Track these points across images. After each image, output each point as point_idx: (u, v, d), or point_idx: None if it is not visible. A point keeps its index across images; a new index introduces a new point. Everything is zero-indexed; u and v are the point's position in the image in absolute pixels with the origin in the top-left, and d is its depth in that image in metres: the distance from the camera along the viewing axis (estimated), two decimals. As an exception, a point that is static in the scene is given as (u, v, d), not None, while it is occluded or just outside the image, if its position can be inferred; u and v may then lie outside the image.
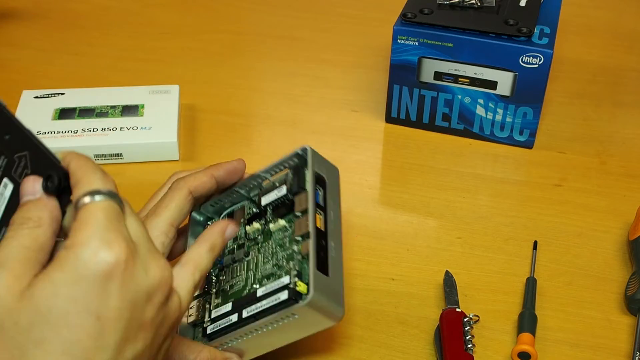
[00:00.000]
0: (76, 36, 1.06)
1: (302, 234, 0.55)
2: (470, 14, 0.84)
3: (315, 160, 0.59)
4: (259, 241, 0.59)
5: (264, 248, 0.58)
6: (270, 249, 0.58)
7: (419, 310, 0.67)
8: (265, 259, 0.57)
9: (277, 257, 0.56)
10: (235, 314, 0.55)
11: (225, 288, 0.59)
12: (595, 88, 0.97)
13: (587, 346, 0.64)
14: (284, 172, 0.61)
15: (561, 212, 0.78)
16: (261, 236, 0.59)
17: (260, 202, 0.61)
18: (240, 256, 0.59)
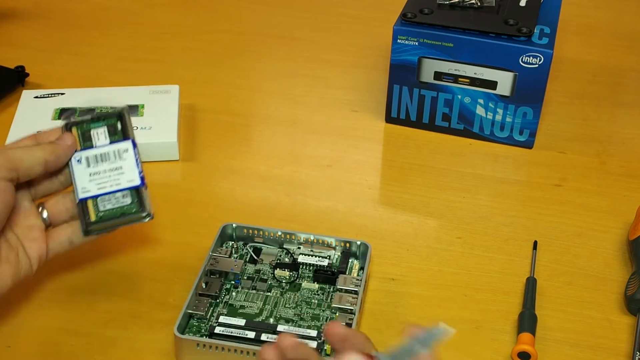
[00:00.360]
0: (76, 36, 1.06)
1: (341, 307, 0.64)
2: (470, 14, 0.84)
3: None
4: (284, 287, 0.66)
5: (288, 295, 0.66)
6: (295, 299, 0.65)
7: (419, 310, 0.67)
8: (287, 304, 0.65)
9: (301, 310, 0.64)
10: (252, 332, 0.61)
11: (234, 304, 0.64)
12: (595, 88, 0.97)
13: (587, 346, 0.64)
14: (330, 249, 0.70)
15: (561, 212, 0.78)
16: (288, 285, 0.67)
17: (295, 257, 0.69)
18: (263, 289, 0.66)
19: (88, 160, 0.61)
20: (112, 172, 0.61)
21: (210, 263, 0.67)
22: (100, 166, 0.61)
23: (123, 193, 0.60)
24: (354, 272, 0.68)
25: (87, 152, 0.61)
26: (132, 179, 0.61)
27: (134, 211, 0.60)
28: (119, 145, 0.62)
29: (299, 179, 0.82)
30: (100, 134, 0.62)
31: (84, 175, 0.60)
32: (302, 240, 0.69)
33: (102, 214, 0.60)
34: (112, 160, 0.61)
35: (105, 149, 0.61)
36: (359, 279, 0.66)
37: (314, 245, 0.69)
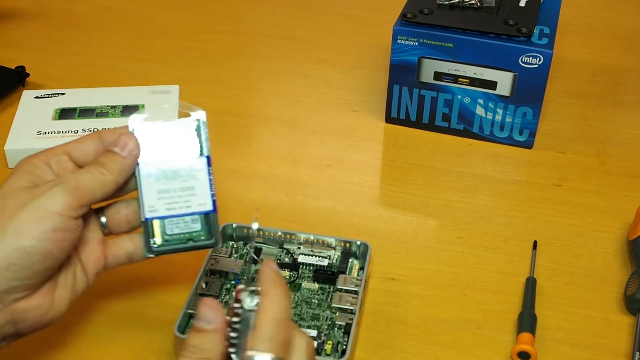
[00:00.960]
0: (76, 36, 1.06)
1: (341, 307, 0.64)
2: (470, 14, 0.84)
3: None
4: None
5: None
6: (295, 299, 0.65)
7: (419, 310, 0.67)
8: None
9: (301, 310, 0.64)
10: None
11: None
12: (595, 88, 0.97)
13: (587, 346, 0.64)
14: (330, 249, 0.69)
15: (561, 212, 0.78)
16: (288, 285, 0.65)
17: (295, 257, 0.69)
18: None
19: (158, 174, 0.55)
20: (183, 192, 0.55)
21: (210, 263, 0.67)
22: (171, 184, 0.55)
23: (193, 218, 0.55)
24: (354, 272, 0.68)
25: (156, 163, 0.55)
26: (204, 202, 0.55)
27: (202, 238, 0.55)
28: (193, 162, 0.56)
29: (299, 179, 0.82)
30: (173, 144, 0.56)
31: (152, 191, 0.55)
32: (302, 240, 0.69)
33: (169, 237, 0.55)
34: (184, 178, 0.56)
35: (179, 165, 0.55)
36: (359, 279, 0.66)
37: (314, 245, 0.69)
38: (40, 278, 0.50)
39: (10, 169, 0.81)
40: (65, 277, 0.53)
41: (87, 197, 0.51)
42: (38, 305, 0.51)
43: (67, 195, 0.50)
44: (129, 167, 0.54)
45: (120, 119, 0.84)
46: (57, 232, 0.49)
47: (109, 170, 0.53)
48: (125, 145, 0.54)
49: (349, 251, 0.69)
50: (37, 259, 0.49)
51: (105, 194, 0.52)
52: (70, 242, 0.50)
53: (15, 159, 0.80)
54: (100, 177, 0.52)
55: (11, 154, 0.80)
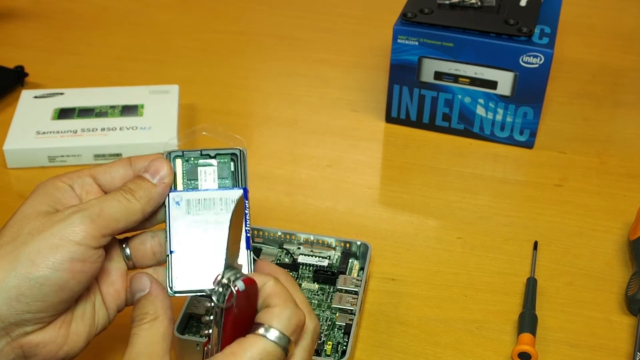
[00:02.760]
0: (76, 36, 1.06)
1: (341, 307, 0.63)
2: (470, 13, 0.83)
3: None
4: None
5: None
6: None
7: (419, 311, 0.67)
8: None
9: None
10: None
11: None
12: (596, 88, 0.97)
13: (588, 346, 0.64)
14: (330, 250, 0.69)
15: (561, 212, 0.78)
16: None
17: (295, 257, 0.68)
18: None
19: (189, 204, 0.51)
20: (215, 224, 0.51)
21: None
22: (203, 214, 0.51)
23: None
24: (354, 273, 0.68)
25: (190, 194, 0.51)
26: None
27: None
28: (228, 193, 0.51)
29: (299, 179, 0.82)
30: (209, 174, 0.52)
31: (181, 222, 0.50)
32: (302, 240, 0.69)
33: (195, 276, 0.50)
34: (218, 210, 0.51)
35: (212, 195, 0.51)
36: (359, 279, 0.65)
37: (314, 245, 0.69)
38: (54, 311, 0.46)
39: (9, 169, 0.81)
40: (84, 310, 0.49)
41: (110, 226, 0.47)
42: (51, 339, 0.47)
43: (88, 223, 0.46)
44: (158, 195, 0.50)
45: (119, 119, 0.84)
46: (75, 262, 0.45)
47: (137, 198, 0.49)
48: (157, 172, 0.50)
49: (349, 251, 0.69)
50: (51, 290, 0.45)
51: (130, 223, 0.49)
52: (89, 274, 0.47)
53: (14, 159, 0.80)
54: (127, 205, 0.48)
55: (10, 154, 0.80)
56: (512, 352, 0.62)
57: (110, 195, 0.49)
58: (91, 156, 0.81)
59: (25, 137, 0.81)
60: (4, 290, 0.44)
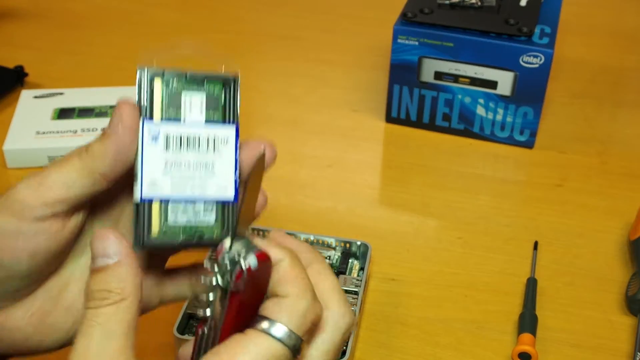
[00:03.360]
0: (75, 36, 1.06)
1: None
2: (470, 13, 0.83)
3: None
4: None
5: None
6: None
7: (419, 311, 0.66)
8: None
9: None
10: None
11: None
12: (596, 88, 0.97)
13: (588, 346, 0.64)
14: (330, 250, 0.68)
15: (562, 212, 0.77)
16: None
17: None
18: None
19: (168, 139, 0.41)
20: (200, 168, 0.42)
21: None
22: (185, 155, 0.42)
23: (207, 205, 0.42)
24: (354, 273, 0.67)
25: (171, 127, 0.41)
26: (224, 186, 0.42)
27: (215, 236, 0.42)
28: (217, 130, 0.42)
29: (299, 179, 0.82)
30: (195, 105, 0.42)
31: (157, 161, 0.41)
32: (302, 240, 0.69)
33: (171, 228, 0.41)
34: (203, 150, 0.42)
35: (197, 131, 0.42)
36: (359, 280, 0.65)
37: (314, 245, 0.69)
38: (1, 291, 0.40)
39: (9, 168, 0.80)
40: (71, 301, 0.43)
41: (55, 194, 0.39)
42: (16, 325, 0.41)
43: (25, 191, 0.39)
44: (124, 145, 0.40)
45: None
46: (5, 238, 0.39)
47: (94, 155, 0.39)
48: (119, 117, 0.40)
49: (349, 251, 0.69)
50: None
51: (89, 188, 0.40)
52: (30, 251, 0.39)
53: (14, 159, 0.80)
54: (80, 166, 0.39)
55: (10, 154, 0.80)
56: (512, 353, 0.62)
57: (66, 156, 0.41)
58: (91, 156, 0.81)
59: (25, 137, 0.81)
60: None
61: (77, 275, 0.43)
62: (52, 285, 0.42)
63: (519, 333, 0.63)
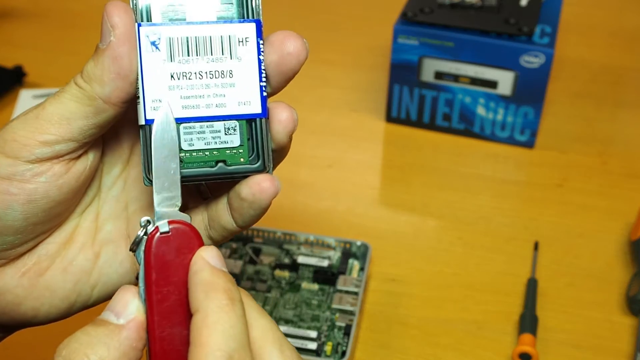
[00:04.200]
0: (75, 36, 1.06)
1: (341, 308, 0.63)
2: (470, 13, 0.83)
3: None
4: (284, 288, 0.66)
5: (288, 296, 0.65)
6: (295, 300, 0.65)
7: (419, 311, 0.66)
8: (287, 305, 0.64)
9: (301, 311, 0.63)
10: None
11: None
12: (597, 88, 0.97)
13: (589, 347, 0.64)
14: (330, 250, 0.69)
15: (562, 213, 0.77)
16: (287, 285, 0.66)
17: (295, 258, 0.68)
18: (262, 289, 0.65)
19: (172, 45, 0.34)
20: (214, 78, 0.34)
21: None
22: (194, 63, 0.34)
23: (228, 125, 0.35)
24: (354, 273, 0.67)
25: (174, 29, 0.34)
26: (248, 97, 0.35)
27: (242, 161, 0.35)
28: (233, 29, 0.34)
29: (299, 180, 0.81)
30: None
31: (160, 73, 0.34)
32: (302, 240, 0.69)
33: (185, 156, 0.34)
34: (217, 55, 0.34)
35: (207, 31, 0.34)
36: (359, 280, 0.65)
37: (314, 245, 0.69)
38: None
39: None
40: (71, 258, 0.38)
41: (54, 129, 0.34)
42: (6, 286, 0.36)
43: (19, 128, 0.34)
44: (121, 56, 0.33)
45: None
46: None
47: (88, 78, 0.35)
48: (109, 24, 0.33)
49: (349, 252, 0.68)
50: None
51: (92, 119, 0.34)
52: (25, 198, 0.34)
53: (13, 159, 0.80)
54: (78, 95, 0.35)
55: (9, 154, 0.80)
56: (512, 353, 0.62)
57: (62, 88, 0.36)
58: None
59: (24, 137, 0.81)
60: None
61: (82, 231, 0.38)
62: (50, 240, 0.38)
63: (519, 333, 0.63)
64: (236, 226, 0.37)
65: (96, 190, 0.39)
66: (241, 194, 0.35)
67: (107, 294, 0.39)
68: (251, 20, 0.35)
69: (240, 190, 0.35)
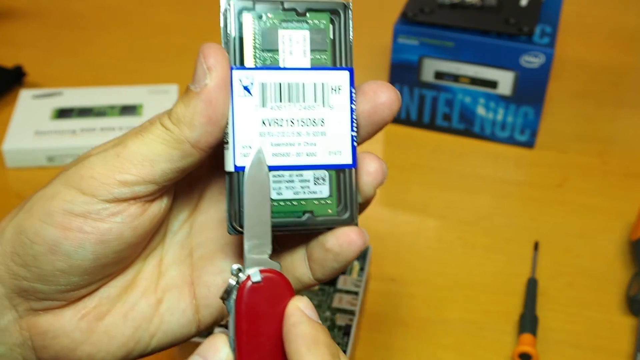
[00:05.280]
0: (75, 35, 1.06)
1: (341, 308, 0.62)
2: (471, 13, 0.83)
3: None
4: None
5: None
6: None
7: (419, 311, 0.66)
8: None
9: None
10: None
11: None
12: (597, 87, 0.97)
13: (589, 347, 0.63)
14: None
15: (562, 213, 0.77)
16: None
17: None
18: None
19: (265, 91, 0.33)
20: (306, 126, 0.34)
21: None
22: (286, 110, 0.34)
23: (317, 174, 0.34)
24: (354, 273, 0.67)
25: (267, 75, 0.33)
26: (339, 149, 0.34)
27: (330, 212, 0.35)
28: (326, 76, 0.34)
29: (299, 179, 0.81)
30: (296, 45, 0.34)
31: (252, 119, 0.33)
32: None
33: (272, 206, 0.34)
34: (310, 102, 0.34)
35: (300, 77, 0.34)
36: (359, 280, 0.65)
37: None
38: (55, 286, 0.34)
39: (8, 169, 0.80)
40: (132, 302, 0.36)
41: (135, 169, 0.33)
42: (64, 330, 0.35)
43: (100, 165, 0.33)
44: (217, 102, 0.32)
45: (118, 119, 0.83)
46: (68, 216, 0.32)
47: (181, 124, 0.33)
48: (206, 66, 0.33)
49: None
50: (42, 252, 0.33)
51: (177, 163, 0.33)
52: (97, 238, 0.33)
53: (13, 159, 0.80)
54: (164, 136, 0.33)
55: (9, 154, 0.80)
56: (512, 353, 0.62)
57: (143, 125, 0.34)
58: (90, 156, 0.81)
59: (24, 137, 0.81)
60: (1, 245, 0.34)
61: (145, 275, 0.37)
62: (113, 283, 0.36)
63: (519, 333, 0.63)
64: (313, 279, 0.36)
65: (162, 234, 0.38)
66: (326, 245, 0.35)
67: (165, 344, 0.38)
68: (345, 68, 0.34)
69: (326, 241, 0.35)
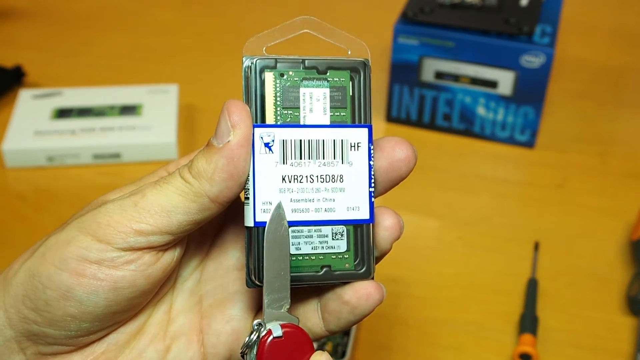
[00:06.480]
0: (75, 35, 1.06)
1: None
2: (471, 13, 0.83)
3: None
4: None
5: None
6: None
7: (419, 311, 0.66)
8: None
9: None
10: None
11: None
12: (597, 88, 0.97)
13: (589, 347, 0.63)
14: None
15: (563, 213, 0.77)
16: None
17: None
18: None
19: (285, 148, 0.34)
20: (325, 182, 0.35)
21: None
22: (306, 166, 0.34)
23: (335, 229, 0.35)
24: None
25: (287, 132, 0.34)
26: (357, 204, 0.35)
27: (347, 267, 0.35)
28: (345, 133, 0.35)
29: (299, 179, 0.81)
30: (317, 101, 0.35)
31: (272, 175, 0.34)
32: None
33: (291, 261, 0.34)
34: (329, 159, 0.35)
35: (320, 134, 0.34)
36: None
37: None
38: (66, 331, 0.34)
39: (8, 169, 0.80)
40: (142, 348, 0.37)
41: (152, 219, 0.33)
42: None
43: (118, 214, 0.33)
44: (238, 159, 0.33)
45: (118, 119, 0.83)
46: (83, 263, 0.33)
47: (201, 177, 0.33)
48: (229, 123, 0.33)
49: None
50: (54, 297, 0.33)
51: (194, 216, 0.33)
52: (111, 286, 0.33)
53: (13, 159, 0.80)
54: (183, 189, 0.33)
55: (9, 154, 0.80)
56: (513, 353, 0.62)
57: (165, 178, 0.34)
58: (90, 156, 0.81)
59: (24, 137, 0.81)
60: (12, 287, 0.34)
61: (154, 322, 0.37)
62: (122, 329, 0.36)
63: (519, 333, 0.63)
64: (325, 330, 0.37)
65: (173, 281, 0.38)
66: (344, 298, 0.35)
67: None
68: (364, 125, 0.35)
69: (344, 293, 0.35)
